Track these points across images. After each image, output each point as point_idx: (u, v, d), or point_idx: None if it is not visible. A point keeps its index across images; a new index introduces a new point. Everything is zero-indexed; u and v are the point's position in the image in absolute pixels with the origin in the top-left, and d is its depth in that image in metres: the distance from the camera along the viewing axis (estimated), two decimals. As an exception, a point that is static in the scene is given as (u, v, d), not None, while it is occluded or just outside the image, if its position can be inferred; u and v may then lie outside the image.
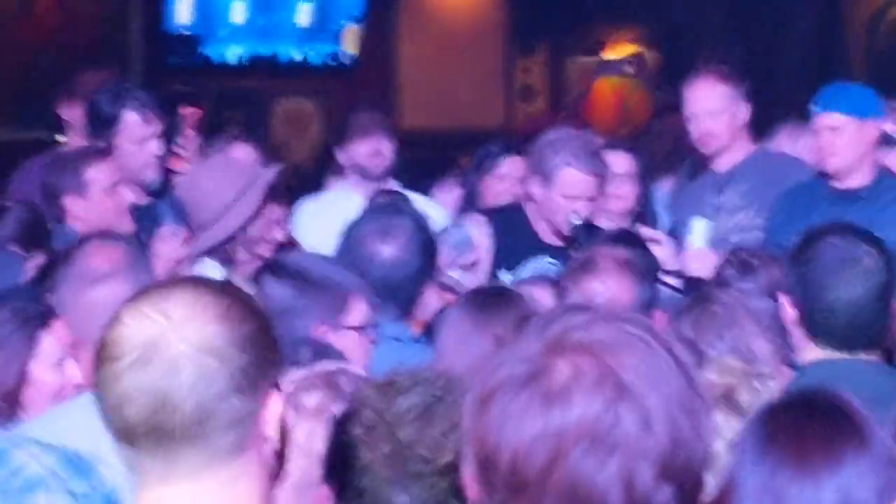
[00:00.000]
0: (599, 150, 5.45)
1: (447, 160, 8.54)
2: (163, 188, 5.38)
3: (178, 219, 4.95)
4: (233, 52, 11.57)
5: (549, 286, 4.36)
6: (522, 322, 1.82)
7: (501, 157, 6.23)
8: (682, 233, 5.42)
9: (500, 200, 5.93)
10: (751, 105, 5.71)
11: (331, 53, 11.79)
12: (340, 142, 6.14)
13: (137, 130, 5.38)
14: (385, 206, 4.73)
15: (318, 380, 2.57)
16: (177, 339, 1.93)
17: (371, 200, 5.50)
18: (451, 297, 4.41)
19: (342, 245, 4.21)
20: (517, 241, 5.37)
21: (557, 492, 1.67)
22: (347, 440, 2.34)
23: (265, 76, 11.71)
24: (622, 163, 5.87)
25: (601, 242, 4.64)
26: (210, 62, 11.47)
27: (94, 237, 3.75)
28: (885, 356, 3.73)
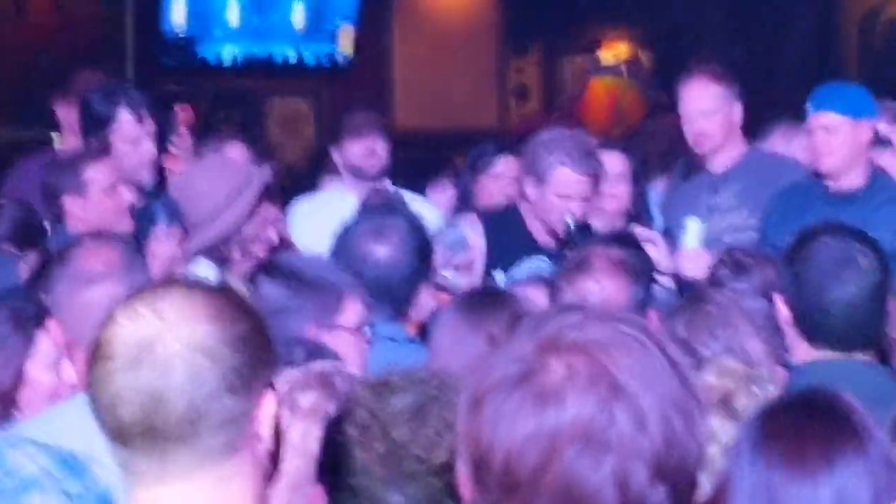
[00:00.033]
0: (593, 150, 5.45)
1: (441, 160, 8.54)
2: (157, 188, 5.38)
3: (173, 218, 4.94)
4: (228, 53, 11.56)
5: (544, 286, 4.35)
6: (517, 322, 1.82)
7: (496, 157, 6.23)
8: (677, 233, 5.42)
9: (495, 200, 5.92)
10: (745, 105, 5.71)
11: (325, 54, 11.78)
12: (335, 142, 6.14)
13: (131, 130, 5.38)
14: (379, 207, 4.73)
15: (313, 379, 2.57)
16: (170, 340, 1.93)
17: (365, 201, 5.50)
18: (446, 298, 4.41)
19: (336, 245, 4.21)
20: (511, 242, 5.37)
21: (551, 492, 1.67)
22: (342, 440, 2.34)
23: (260, 76, 11.71)
24: (616, 162, 5.87)
25: (595, 242, 4.64)
26: (205, 62, 11.45)
27: (89, 237, 3.74)
28: (880, 356, 3.74)
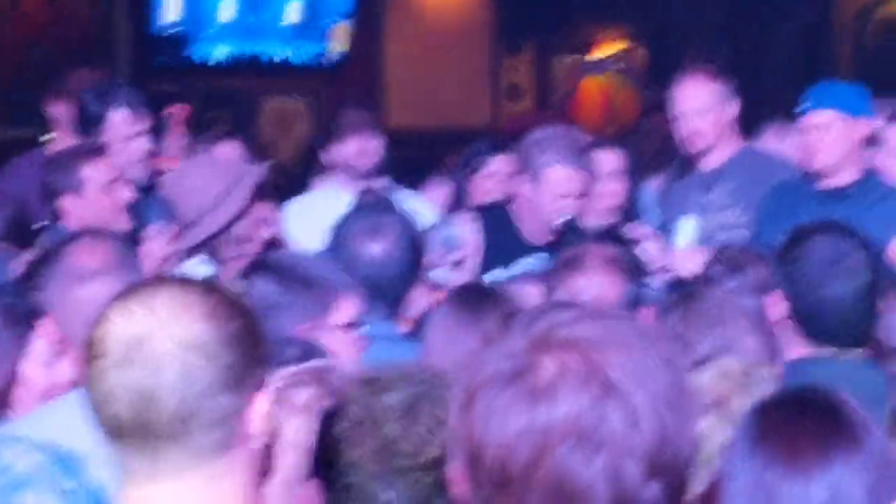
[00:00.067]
0: (587, 148, 5.45)
1: (434, 159, 8.52)
2: (150, 186, 5.38)
3: (166, 217, 4.94)
4: (220, 52, 11.55)
5: (537, 283, 4.36)
6: (510, 319, 1.82)
7: (489, 156, 6.23)
8: (670, 231, 5.42)
9: (488, 199, 5.92)
10: (738, 103, 5.72)
11: (318, 52, 11.77)
12: (328, 140, 6.13)
13: (124, 128, 5.38)
14: (373, 205, 4.72)
15: (307, 376, 2.57)
16: (163, 337, 1.93)
17: (359, 199, 5.49)
18: (440, 296, 4.41)
19: (330, 243, 4.21)
20: (505, 240, 5.37)
21: (543, 487, 1.68)
22: (334, 436, 2.34)
23: (252, 75, 11.69)
24: (610, 160, 5.88)
25: (588, 240, 4.64)
26: (197, 61, 11.45)
27: (82, 235, 3.74)
28: (873, 354, 3.74)
